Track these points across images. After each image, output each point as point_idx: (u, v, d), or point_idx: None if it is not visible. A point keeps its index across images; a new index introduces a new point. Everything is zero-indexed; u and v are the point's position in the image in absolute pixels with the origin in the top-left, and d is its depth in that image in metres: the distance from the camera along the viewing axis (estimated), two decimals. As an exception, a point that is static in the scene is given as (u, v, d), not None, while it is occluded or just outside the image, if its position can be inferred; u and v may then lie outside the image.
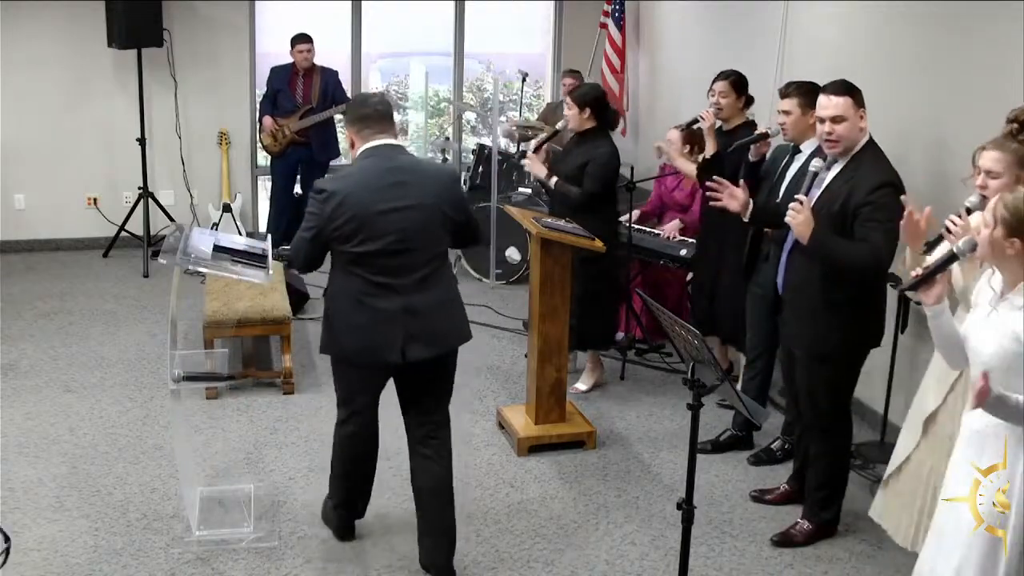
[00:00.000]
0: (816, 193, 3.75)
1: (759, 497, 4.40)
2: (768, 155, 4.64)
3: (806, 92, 4.28)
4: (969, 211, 3.21)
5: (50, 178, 7.73)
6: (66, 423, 4.90)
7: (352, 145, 3.58)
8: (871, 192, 3.58)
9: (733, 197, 3.97)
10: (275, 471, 4.51)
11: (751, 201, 3.98)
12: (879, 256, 3.56)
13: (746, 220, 4.03)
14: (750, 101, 5.15)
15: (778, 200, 4.32)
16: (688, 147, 5.74)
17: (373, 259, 3.44)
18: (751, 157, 4.66)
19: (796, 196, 3.66)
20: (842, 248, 3.61)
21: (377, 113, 3.51)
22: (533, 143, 5.70)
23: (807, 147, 4.31)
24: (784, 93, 4.40)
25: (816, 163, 3.79)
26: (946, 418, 3.38)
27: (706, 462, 4.65)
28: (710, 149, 5.06)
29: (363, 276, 3.46)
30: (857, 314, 3.76)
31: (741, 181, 4.15)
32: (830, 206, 3.68)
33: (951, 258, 2.75)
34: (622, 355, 5.81)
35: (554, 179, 5.20)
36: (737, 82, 5.06)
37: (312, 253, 3.49)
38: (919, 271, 2.76)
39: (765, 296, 4.42)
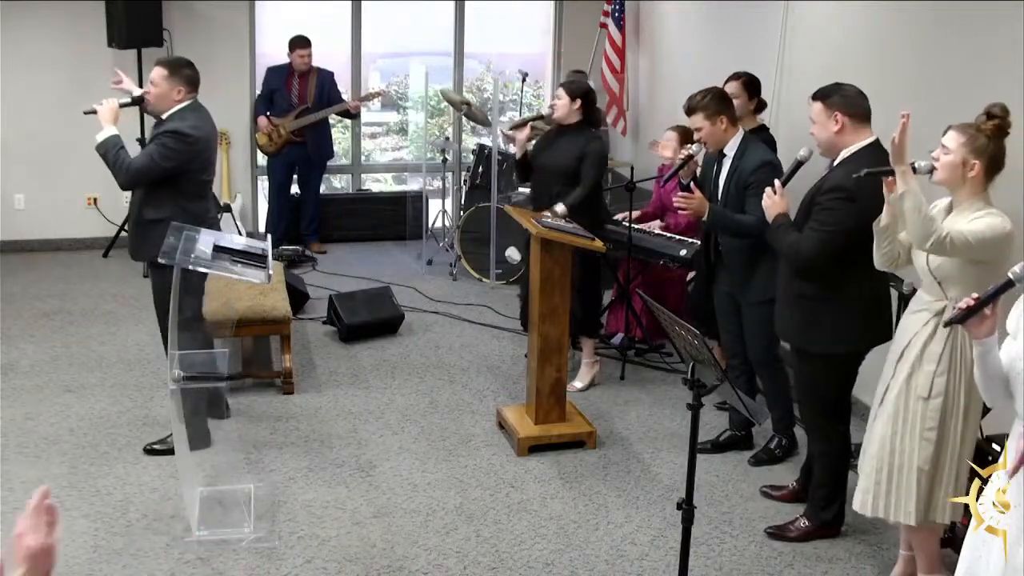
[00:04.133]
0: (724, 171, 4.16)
1: (768, 493, 4.42)
2: (699, 170, 4.72)
3: (708, 103, 4.43)
4: (915, 170, 3.28)
5: (50, 178, 7.73)
6: (66, 423, 4.90)
7: (179, 96, 4.42)
8: (826, 193, 3.71)
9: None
10: (275, 471, 4.51)
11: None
12: (800, 253, 3.74)
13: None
14: (762, 105, 5.13)
15: (717, 204, 4.52)
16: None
17: (208, 186, 4.60)
18: (682, 180, 4.70)
19: (775, 181, 3.91)
20: (779, 236, 3.82)
21: (198, 77, 4.52)
22: (516, 121, 5.68)
23: (729, 149, 4.48)
24: (688, 110, 4.50)
25: (803, 152, 3.91)
26: (895, 385, 3.46)
27: (706, 462, 4.65)
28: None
29: (204, 198, 4.54)
30: (824, 310, 3.79)
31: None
32: (809, 197, 3.82)
33: (1007, 284, 2.55)
34: (622, 355, 5.81)
35: (560, 206, 5.12)
36: (748, 83, 5.04)
37: (155, 178, 4.32)
38: (969, 302, 2.57)
39: (731, 294, 4.52)
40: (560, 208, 5.09)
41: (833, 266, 3.72)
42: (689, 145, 4.73)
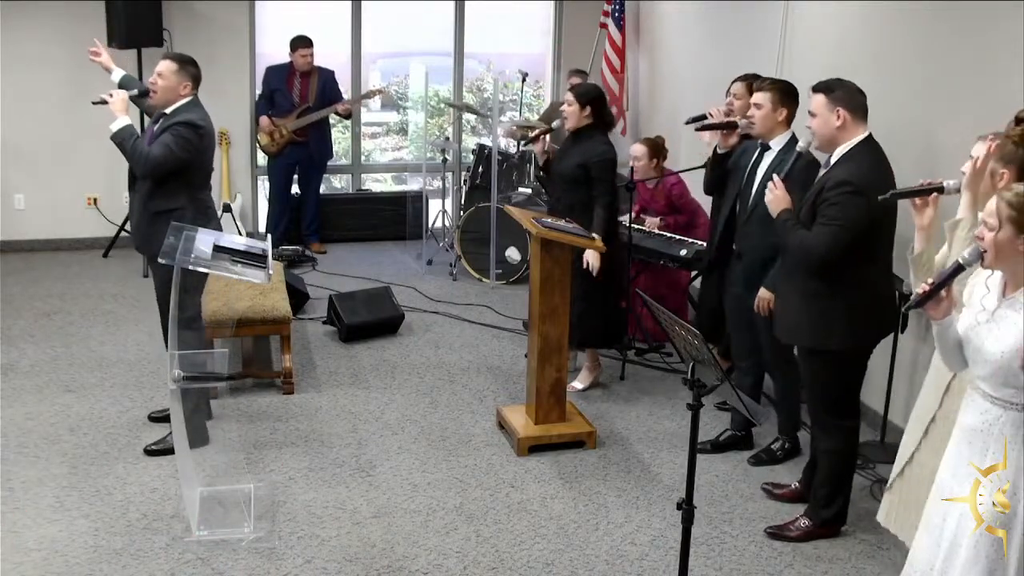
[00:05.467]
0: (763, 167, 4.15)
1: (770, 491, 4.42)
2: (738, 150, 4.65)
3: (780, 90, 4.34)
4: (942, 191, 3.26)
5: (50, 178, 7.74)
6: (66, 423, 4.90)
7: (185, 91, 4.53)
8: (832, 189, 3.70)
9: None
10: (275, 471, 4.51)
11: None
12: (812, 248, 3.73)
13: None
14: None
15: (751, 198, 4.42)
16: (654, 160, 5.94)
17: (210, 177, 4.69)
18: (719, 149, 4.66)
19: (774, 174, 3.98)
20: (790, 234, 3.82)
21: (201, 75, 4.63)
22: (529, 136, 5.68)
23: (776, 144, 4.36)
24: (759, 87, 4.43)
25: (802, 144, 3.98)
26: (942, 419, 3.36)
27: (706, 462, 4.66)
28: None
29: (209, 189, 4.65)
30: (835, 307, 3.80)
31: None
32: (812, 195, 3.81)
33: (957, 269, 2.67)
34: (622, 355, 5.81)
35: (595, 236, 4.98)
36: (753, 85, 5.04)
37: (171, 167, 4.41)
38: (924, 287, 2.68)
39: (741, 295, 4.47)
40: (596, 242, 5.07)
41: (841, 261, 3.73)
42: (739, 117, 4.69)
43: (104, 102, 4.50)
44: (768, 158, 4.38)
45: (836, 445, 3.99)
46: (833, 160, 3.81)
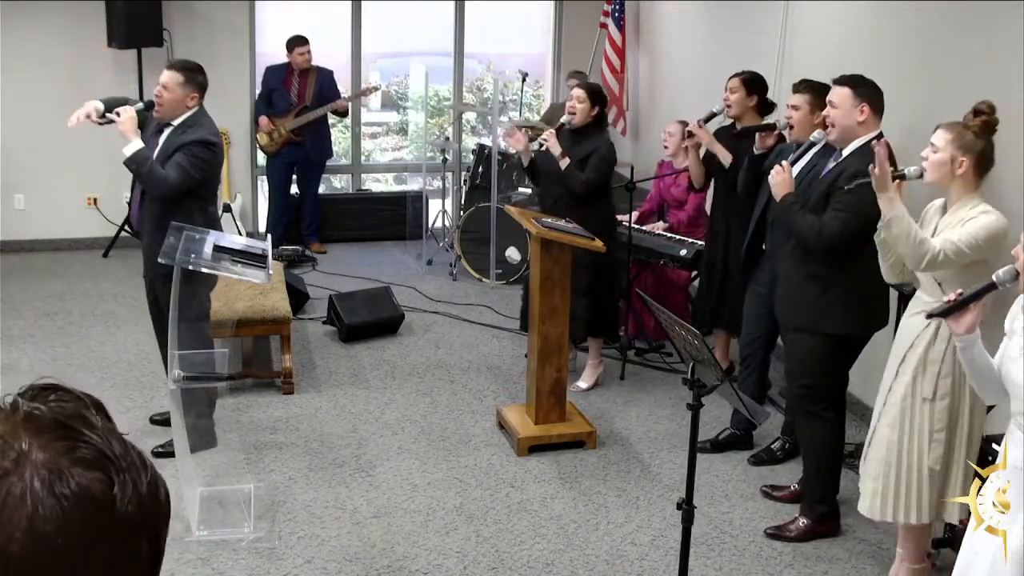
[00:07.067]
0: (802, 162, 4.10)
1: (769, 493, 4.41)
2: (773, 152, 4.64)
3: (817, 91, 4.33)
4: (903, 177, 3.39)
5: (50, 178, 7.73)
6: (66, 423, 4.89)
7: (191, 103, 4.42)
8: (848, 180, 3.73)
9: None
10: (275, 471, 4.51)
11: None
12: (822, 234, 3.77)
13: None
14: (767, 105, 5.11)
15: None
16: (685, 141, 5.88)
17: (216, 190, 4.71)
18: (756, 149, 4.67)
19: (781, 161, 4.00)
20: (797, 217, 3.86)
21: (208, 82, 4.52)
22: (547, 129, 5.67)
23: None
24: (796, 89, 4.47)
25: (817, 134, 4.00)
26: (898, 387, 3.48)
27: (706, 462, 4.65)
28: (726, 158, 5.10)
29: (216, 200, 4.67)
30: (835, 291, 3.84)
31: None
32: (827, 187, 3.84)
33: (989, 287, 2.60)
34: (622, 355, 5.81)
35: (566, 160, 5.16)
36: (748, 80, 5.07)
37: (187, 190, 4.33)
38: (952, 297, 2.63)
39: (767, 295, 4.45)
40: (554, 144, 5.14)
41: (848, 248, 3.76)
42: (777, 119, 4.71)
43: (111, 121, 4.35)
44: (804, 159, 4.33)
45: (819, 434, 4.01)
46: (846, 153, 3.86)
